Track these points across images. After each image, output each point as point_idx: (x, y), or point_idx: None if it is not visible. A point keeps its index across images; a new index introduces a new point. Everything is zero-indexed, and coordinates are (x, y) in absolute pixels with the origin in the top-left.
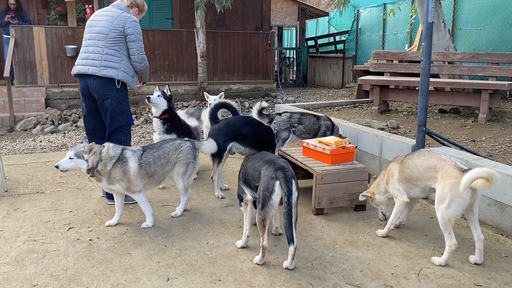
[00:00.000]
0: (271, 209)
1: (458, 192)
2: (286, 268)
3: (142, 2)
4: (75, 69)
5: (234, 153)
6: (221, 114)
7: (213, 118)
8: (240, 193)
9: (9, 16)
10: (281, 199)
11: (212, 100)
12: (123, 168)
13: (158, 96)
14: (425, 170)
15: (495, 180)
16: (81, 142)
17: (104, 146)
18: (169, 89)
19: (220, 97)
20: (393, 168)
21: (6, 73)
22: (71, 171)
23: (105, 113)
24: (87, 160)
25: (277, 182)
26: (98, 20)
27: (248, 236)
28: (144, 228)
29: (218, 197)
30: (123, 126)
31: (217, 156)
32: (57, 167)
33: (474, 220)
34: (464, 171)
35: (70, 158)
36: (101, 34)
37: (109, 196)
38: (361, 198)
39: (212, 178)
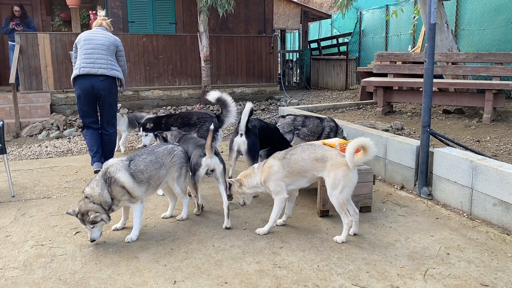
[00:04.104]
0: (199, 177)
1: (349, 178)
2: (225, 228)
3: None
4: (83, 71)
5: None
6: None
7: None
8: None
9: (14, 23)
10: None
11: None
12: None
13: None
14: (313, 161)
15: (371, 146)
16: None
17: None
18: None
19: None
20: (275, 166)
21: (12, 79)
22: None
23: (104, 105)
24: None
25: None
26: (97, 36)
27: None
28: (128, 242)
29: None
30: (115, 115)
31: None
32: (92, 240)
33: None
34: None
35: (92, 228)
36: (104, 45)
37: None
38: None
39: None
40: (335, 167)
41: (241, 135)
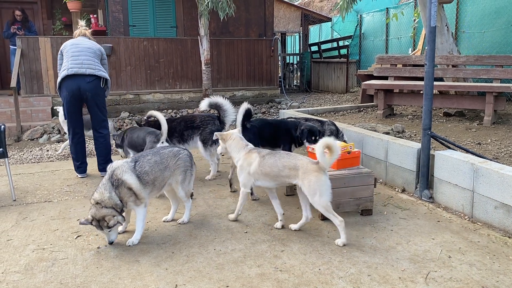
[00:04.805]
0: None
1: (322, 181)
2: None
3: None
4: (71, 71)
5: None
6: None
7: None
8: (126, 154)
9: (16, 27)
10: None
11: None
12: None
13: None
14: (285, 169)
15: (334, 145)
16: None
17: (98, 197)
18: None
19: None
20: (253, 158)
21: (13, 83)
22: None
23: (92, 107)
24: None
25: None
26: (83, 42)
27: None
28: (129, 245)
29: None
30: (106, 117)
31: None
32: (111, 242)
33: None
34: (317, 163)
35: (109, 231)
36: (91, 49)
37: None
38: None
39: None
40: (307, 174)
41: None
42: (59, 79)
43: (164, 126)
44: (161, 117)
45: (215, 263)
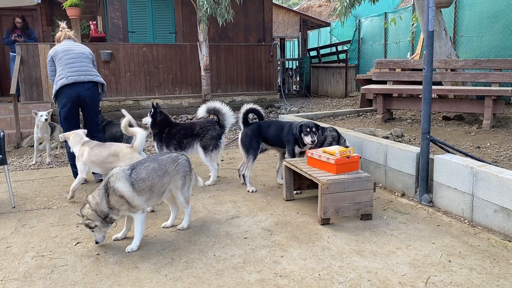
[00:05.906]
0: None
1: (135, 159)
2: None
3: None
4: (71, 79)
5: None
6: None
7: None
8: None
9: (16, 34)
10: None
11: (39, 115)
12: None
13: None
14: (109, 156)
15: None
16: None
17: (89, 202)
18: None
19: (49, 113)
20: (84, 149)
21: (13, 90)
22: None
23: (89, 113)
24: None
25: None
26: (74, 47)
27: None
28: (128, 252)
29: (250, 191)
30: (99, 122)
31: (252, 155)
32: (96, 242)
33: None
34: (131, 147)
35: (92, 231)
36: (83, 54)
37: None
38: (61, 139)
39: (243, 174)
40: (125, 157)
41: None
42: (56, 87)
43: (128, 118)
44: (127, 114)
45: (214, 269)
